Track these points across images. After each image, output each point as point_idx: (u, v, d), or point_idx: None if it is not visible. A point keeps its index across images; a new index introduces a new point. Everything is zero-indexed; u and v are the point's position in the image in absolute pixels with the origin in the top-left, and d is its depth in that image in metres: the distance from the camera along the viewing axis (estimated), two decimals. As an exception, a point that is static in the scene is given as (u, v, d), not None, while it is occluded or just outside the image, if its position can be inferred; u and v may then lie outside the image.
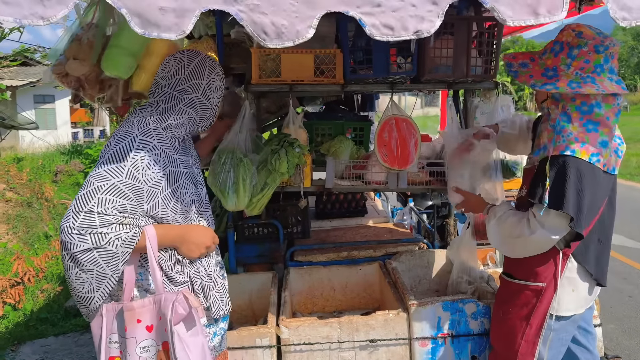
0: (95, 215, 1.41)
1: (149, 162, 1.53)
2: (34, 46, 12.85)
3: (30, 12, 1.25)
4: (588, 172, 1.79)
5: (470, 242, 2.64)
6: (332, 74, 2.56)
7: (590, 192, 1.80)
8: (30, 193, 8.40)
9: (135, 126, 1.60)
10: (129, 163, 1.49)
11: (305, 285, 2.88)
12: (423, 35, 1.36)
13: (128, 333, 1.54)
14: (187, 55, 1.76)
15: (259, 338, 2.21)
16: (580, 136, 1.80)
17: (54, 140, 16.07)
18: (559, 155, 1.79)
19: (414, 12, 1.34)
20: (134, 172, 1.50)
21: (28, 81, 16.43)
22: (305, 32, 1.33)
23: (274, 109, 3.86)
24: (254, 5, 1.31)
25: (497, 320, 2.14)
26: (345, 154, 2.82)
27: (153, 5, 1.28)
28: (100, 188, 1.44)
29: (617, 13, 1.34)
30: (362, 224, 3.74)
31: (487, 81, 2.65)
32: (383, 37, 1.35)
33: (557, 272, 1.92)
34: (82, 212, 1.41)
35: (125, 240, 1.45)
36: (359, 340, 2.27)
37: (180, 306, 1.54)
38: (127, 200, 1.47)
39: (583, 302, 1.99)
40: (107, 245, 1.42)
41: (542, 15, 1.33)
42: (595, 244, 1.96)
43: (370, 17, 1.34)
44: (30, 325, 4.55)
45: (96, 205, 1.42)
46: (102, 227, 1.41)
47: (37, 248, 6.84)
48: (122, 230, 1.44)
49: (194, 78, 1.73)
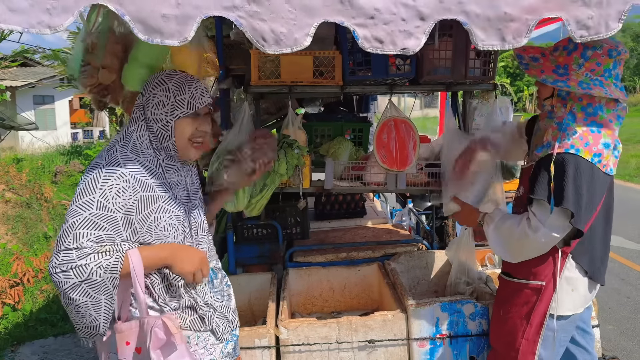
0: (73, 251, 1.42)
1: (118, 190, 1.51)
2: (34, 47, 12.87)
3: (37, 20, 1.27)
4: (588, 171, 1.80)
5: (469, 243, 2.64)
6: (332, 76, 2.57)
7: (589, 191, 1.82)
8: (30, 194, 8.41)
9: (104, 156, 1.58)
10: (97, 194, 1.48)
11: (304, 286, 2.89)
12: (409, 53, 1.41)
13: (120, 354, 1.56)
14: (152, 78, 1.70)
15: (258, 339, 2.22)
16: (585, 136, 1.82)
17: (54, 140, 16.09)
18: (564, 153, 1.81)
19: (403, 26, 1.38)
20: (103, 202, 1.48)
21: (28, 82, 16.46)
22: (302, 40, 1.36)
23: (273, 110, 3.88)
24: (254, 12, 1.34)
25: (497, 320, 2.14)
26: (344, 155, 2.83)
27: (155, 13, 1.30)
28: (74, 224, 1.45)
29: (575, 32, 1.42)
30: (361, 225, 3.75)
31: (486, 83, 2.67)
32: (373, 49, 1.39)
33: (556, 270, 1.93)
34: (61, 251, 1.43)
35: (107, 268, 1.44)
36: (358, 341, 2.28)
37: (160, 331, 1.54)
38: (102, 231, 1.47)
39: (582, 302, 2.00)
40: (92, 276, 1.43)
41: (508, 42, 1.41)
42: (593, 243, 1.96)
43: (364, 29, 1.38)
44: (29, 326, 4.56)
45: (72, 241, 1.43)
46: (80, 260, 1.42)
47: (36, 249, 6.84)
48: (101, 258, 1.44)
49: (141, 95, 1.69)
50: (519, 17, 1.39)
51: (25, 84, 16.46)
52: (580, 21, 1.41)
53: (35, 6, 1.27)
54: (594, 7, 1.40)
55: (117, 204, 1.50)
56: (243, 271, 2.96)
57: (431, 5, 1.38)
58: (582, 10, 1.40)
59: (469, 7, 1.39)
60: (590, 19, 1.41)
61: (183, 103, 1.62)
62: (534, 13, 1.40)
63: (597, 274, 1.99)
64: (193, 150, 1.69)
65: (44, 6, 1.28)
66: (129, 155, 1.59)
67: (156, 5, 1.30)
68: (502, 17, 1.39)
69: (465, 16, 1.39)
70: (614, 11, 1.40)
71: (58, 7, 1.28)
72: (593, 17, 1.40)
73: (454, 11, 1.39)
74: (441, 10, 1.39)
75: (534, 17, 1.40)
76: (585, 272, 1.96)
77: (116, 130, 13.93)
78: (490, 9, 1.39)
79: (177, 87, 1.62)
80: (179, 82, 1.63)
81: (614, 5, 1.40)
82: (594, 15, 1.40)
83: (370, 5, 1.37)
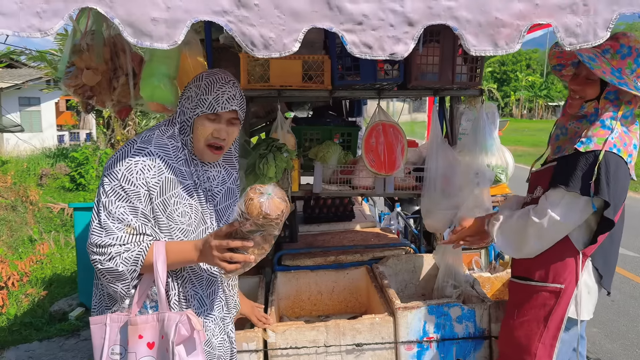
0: (103, 233, 1.51)
1: (143, 167, 1.55)
2: (20, 48, 12.75)
3: (27, 24, 1.27)
4: (625, 171, 1.84)
5: (456, 247, 2.67)
6: (321, 80, 2.59)
7: (623, 189, 1.85)
8: (15, 196, 8.32)
9: (141, 136, 1.64)
10: (123, 167, 1.53)
11: (292, 290, 2.89)
12: (397, 58, 1.42)
13: (129, 347, 1.53)
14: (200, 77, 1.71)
15: (246, 342, 2.22)
16: (622, 137, 1.85)
17: (40, 143, 15.91)
18: (608, 151, 1.81)
19: (391, 32, 1.39)
20: (127, 175, 1.53)
21: (13, 83, 16.27)
22: (291, 46, 1.37)
23: (262, 113, 3.88)
24: (243, 17, 1.35)
25: (509, 325, 2.10)
26: (333, 159, 2.85)
27: (145, 16, 1.31)
28: (103, 193, 1.53)
29: (565, 40, 1.44)
30: (349, 229, 3.76)
31: (472, 88, 2.70)
32: (362, 55, 1.40)
33: (578, 272, 1.92)
34: (93, 230, 1.52)
35: (127, 260, 1.50)
36: (346, 344, 2.29)
37: (184, 327, 1.52)
38: (125, 203, 1.52)
39: (594, 306, 2.00)
40: (109, 263, 1.50)
41: (501, 47, 1.42)
42: (611, 248, 1.97)
43: (352, 34, 1.39)
44: (14, 330, 4.50)
45: (102, 210, 1.52)
46: (106, 246, 1.50)
47: (21, 252, 6.76)
48: (123, 248, 1.51)
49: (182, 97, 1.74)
50: (510, 22, 1.41)
51: (11, 85, 16.27)
52: (568, 29, 1.43)
53: (25, 9, 1.27)
54: (582, 15, 1.43)
55: (140, 179, 1.54)
56: (231, 275, 2.95)
57: (420, 11, 1.40)
58: (570, 18, 1.43)
59: (458, 13, 1.40)
60: (579, 26, 1.43)
61: (205, 102, 1.63)
62: (524, 19, 1.41)
63: (609, 279, 1.99)
64: (208, 153, 1.68)
65: (34, 10, 1.27)
66: (163, 138, 1.64)
67: (146, 8, 1.31)
68: (493, 22, 1.40)
69: (456, 22, 1.40)
70: (602, 19, 1.43)
71: (48, 11, 1.27)
72: (581, 24, 1.43)
73: (444, 17, 1.40)
74: (430, 16, 1.40)
75: (524, 23, 1.42)
76: (600, 277, 1.96)
77: (103, 133, 13.79)
78: (481, 15, 1.40)
79: (207, 85, 1.64)
80: (210, 82, 1.65)
81: (601, 14, 1.43)
82: (581, 23, 1.43)
83: (358, 11, 1.38)
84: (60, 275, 5.92)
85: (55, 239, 7.07)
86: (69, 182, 10.81)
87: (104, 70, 2.25)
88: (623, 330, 4.29)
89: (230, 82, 1.68)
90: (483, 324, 2.35)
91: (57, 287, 5.53)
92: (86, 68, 2.17)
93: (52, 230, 7.71)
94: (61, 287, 5.53)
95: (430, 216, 2.71)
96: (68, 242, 7.00)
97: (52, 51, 12.05)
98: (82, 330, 4.40)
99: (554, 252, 1.97)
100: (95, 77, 2.21)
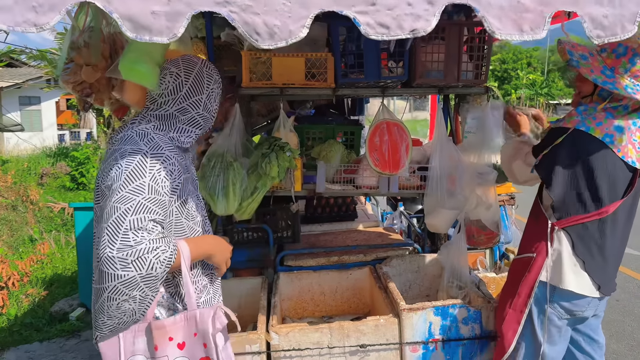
0: (131, 240, 1.37)
1: (166, 174, 1.51)
2: (20, 47, 12.72)
3: (22, 19, 1.24)
4: (595, 148, 1.90)
5: (461, 247, 2.64)
6: (323, 78, 2.55)
7: (589, 170, 1.91)
8: (15, 196, 8.29)
9: (140, 142, 1.54)
10: (147, 179, 1.45)
11: (295, 290, 2.86)
12: (419, 34, 1.35)
13: (159, 352, 1.51)
14: (184, 69, 1.67)
15: (248, 344, 2.19)
16: (599, 118, 1.92)
17: (40, 142, 15.87)
18: (575, 129, 1.93)
19: (409, 10, 1.34)
20: (154, 186, 1.46)
21: (13, 82, 16.25)
22: (298, 32, 1.31)
23: (264, 112, 3.85)
24: (246, 6, 1.30)
25: (498, 305, 2.25)
26: (336, 158, 2.81)
27: (145, 10, 1.27)
28: (129, 210, 1.39)
29: (592, 32, 1.40)
30: (352, 228, 3.73)
31: (478, 86, 2.66)
32: (378, 36, 1.34)
33: (547, 241, 2.00)
34: (117, 240, 1.36)
35: (164, 262, 1.41)
36: (350, 346, 2.25)
37: (218, 321, 1.56)
38: (155, 215, 1.44)
39: (585, 286, 1.98)
40: (151, 270, 1.39)
41: (526, 32, 1.37)
42: (601, 234, 1.97)
43: (365, 15, 1.33)
44: (14, 331, 4.47)
45: (129, 228, 1.37)
46: (141, 252, 1.37)
47: (21, 252, 6.73)
48: (159, 250, 1.40)
49: (194, 94, 1.68)
50: (534, 8, 1.36)
51: (11, 84, 16.24)
52: (595, 19, 1.38)
53: (20, 4, 1.24)
54: (607, 6, 1.38)
55: (166, 187, 1.50)
56: (233, 275, 2.93)
57: None
58: (595, 8, 1.38)
59: None
60: (606, 17, 1.38)
61: (200, 103, 1.72)
62: (548, 5, 1.37)
63: (598, 274, 1.97)
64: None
65: (29, 4, 1.24)
66: (164, 138, 1.61)
67: (146, 1, 1.27)
68: (515, 6, 1.35)
69: (477, 3, 1.35)
70: (628, 12, 1.39)
71: (44, 5, 1.24)
72: (608, 16, 1.38)
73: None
74: None
75: (548, 9, 1.37)
76: (591, 256, 1.98)
77: (103, 132, 13.76)
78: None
79: (217, 75, 1.77)
80: (214, 70, 1.76)
81: (627, 6, 1.39)
82: (608, 14, 1.38)
83: None
84: (60, 275, 5.89)
85: (55, 239, 7.04)
86: (69, 181, 10.77)
87: (103, 67, 2.21)
88: (628, 330, 4.26)
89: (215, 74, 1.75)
90: (489, 326, 2.31)
91: (58, 287, 5.50)
92: (85, 64, 2.13)
93: (53, 229, 7.68)
94: (62, 287, 5.50)
95: (433, 215, 2.68)
96: (69, 242, 6.97)
97: (52, 50, 12.02)
98: (82, 330, 4.36)
99: (531, 227, 2.14)
100: (95, 74, 2.16)
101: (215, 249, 1.67)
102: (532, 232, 2.11)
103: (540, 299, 2.02)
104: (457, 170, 2.58)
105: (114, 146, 1.59)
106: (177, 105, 1.66)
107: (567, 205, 1.98)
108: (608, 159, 1.90)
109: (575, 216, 1.97)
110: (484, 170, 2.56)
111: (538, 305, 2.03)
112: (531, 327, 2.05)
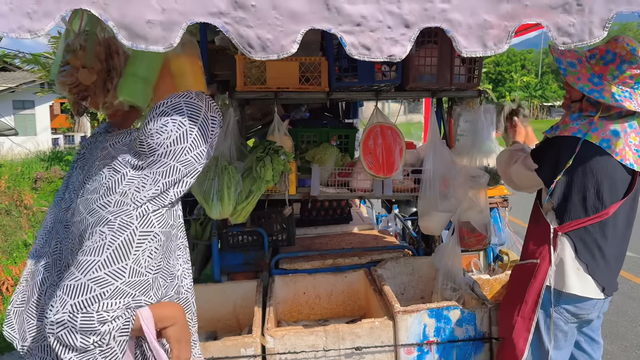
0: (95, 316, 1.26)
1: (150, 253, 1.39)
2: (14, 51, 12.68)
3: (17, 25, 1.24)
4: (591, 153, 1.91)
5: (455, 249, 2.65)
6: (318, 82, 2.57)
7: (589, 175, 1.92)
8: (9, 200, 8.25)
9: (134, 215, 1.39)
10: (130, 261, 1.34)
11: (290, 294, 2.86)
12: (395, 60, 1.42)
13: None
14: (189, 116, 1.45)
15: (243, 348, 2.19)
16: (595, 122, 1.93)
17: (34, 146, 15.80)
18: (570, 137, 1.95)
19: (389, 34, 1.39)
20: (136, 268, 1.34)
21: (7, 87, 16.19)
22: (289, 47, 1.35)
23: (258, 116, 3.86)
24: (240, 18, 1.33)
25: (501, 310, 2.23)
26: (330, 162, 2.82)
27: (140, 19, 1.28)
28: (104, 295, 1.28)
29: (558, 39, 1.43)
30: (347, 231, 3.74)
31: (471, 89, 2.69)
32: (360, 56, 1.40)
33: (550, 247, 2.00)
34: (80, 313, 1.26)
35: (120, 330, 1.30)
36: (345, 349, 2.26)
37: None
38: (131, 298, 1.33)
39: (590, 288, 2.00)
40: (111, 342, 1.28)
41: (489, 48, 1.42)
42: (602, 236, 1.98)
43: (351, 36, 1.38)
44: (8, 337, 4.44)
45: (98, 308, 1.27)
46: (104, 326, 1.26)
47: (15, 257, 6.70)
48: (119, 321, 1.29)
49: (199, 145, 1.47)
50: (498, 23, 1.41)
51: (5, 88, 16.19)
52: (561, 28, 1.42)
53: (15, 10, 1.24)
54: (575, 15, 1.41)
55: (149, 266, 1.37)
56: (228, 279, 2.93)
57: (416, 13, 1.39)
58: (562, 17, 1.42)
59: (451, 15, 1.40)
60: (572, 25, 1.42)
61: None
62: (512, 20, 1.41)
63: (600, 274, 1.99)
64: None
65: (24, 10, 1.24)
66: (161, 211, 1.44)
67: (141, 11, 1.28)
68: (482, 24, 1.41)
69: (449, 24, 1.40)
70: (597, 19, 1.42)
71: (39, 12, 1.24)
72: (574, 24, 1.42)
73: (438, 19, 1.40)
74: (425, 18, 1.40)
75: (512, 24, 1.41)
76: (593, 259, 1.99)
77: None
78: (471, 17, 1.40)
79: (217, 110, 1.58)
80: (215, 107, 1.57)
81: (597, 13, 1.41)
82: (575, 22, 1.42)
83: (357, 12, 1.36)
84: (55, 280, 5.86)
85: (50, 243, 7.00)
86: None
87: (99, 70, 2.21)
88: (622, 331, 4.28)
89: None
90: (483, 327, 2.33)
91: (52, 292, 5.48)
92: (82, 67, 2.13)
93: (47, 234, 7.64)
94: (56, 292, 5.48)
95: (427, 218, 2.70)
96: (63, 247, 6.94)
97: (46, 54, 11.98)
98: (77, 335, 4.35)
99: (533, 232, 2.12)
100: (91, 76, 2.16)
101: (181, 319, 1.45)
102: (534, 237, 2.10)
103: (546, 304, 2.02)
104: (450, 172, 2.60)
105: (113, 150, 1.53)
106: (182, 156, 1.45)
107: (569, 209, 1.98)
108: (607, 163, 1.92)
109: (576, 220, 1.97)
110: (476, 173, 2.58)
111: (544, 311, 2.03)
112: (538, 333, 2.05)
